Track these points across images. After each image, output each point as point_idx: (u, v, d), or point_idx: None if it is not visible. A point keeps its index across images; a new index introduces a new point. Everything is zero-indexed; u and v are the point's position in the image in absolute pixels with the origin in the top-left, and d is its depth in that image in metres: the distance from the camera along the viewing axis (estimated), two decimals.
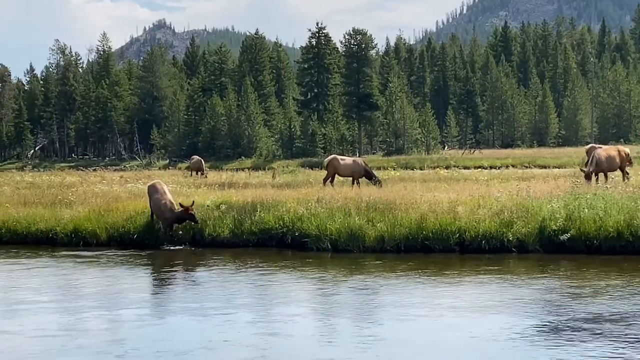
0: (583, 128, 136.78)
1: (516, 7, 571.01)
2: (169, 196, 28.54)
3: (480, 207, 25.83)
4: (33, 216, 30.80)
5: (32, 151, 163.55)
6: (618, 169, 34.29)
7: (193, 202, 28.12)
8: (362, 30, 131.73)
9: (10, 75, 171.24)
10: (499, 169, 54.63)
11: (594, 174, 32.87)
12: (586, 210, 24.49)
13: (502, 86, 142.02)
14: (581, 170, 32.93)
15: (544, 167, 64.29)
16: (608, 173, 33.96)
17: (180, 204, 27.97)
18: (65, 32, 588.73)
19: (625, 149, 36.02)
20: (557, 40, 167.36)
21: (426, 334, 15.28)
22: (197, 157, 69.65)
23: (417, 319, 16.36)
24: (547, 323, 15.56)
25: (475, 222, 24.93)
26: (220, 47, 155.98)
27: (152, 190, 28.66)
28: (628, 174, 34.45)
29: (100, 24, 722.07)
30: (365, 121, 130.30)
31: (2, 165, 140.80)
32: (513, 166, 55.42)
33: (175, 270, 23.96)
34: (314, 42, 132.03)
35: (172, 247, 27.79)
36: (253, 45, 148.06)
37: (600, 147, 40.88)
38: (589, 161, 33.05)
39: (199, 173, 60.80)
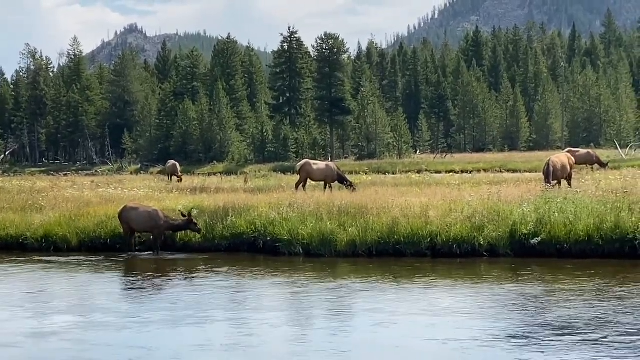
0: (554, 132, 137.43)
1: (487, 12, 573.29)
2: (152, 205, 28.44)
3: (451, 212, 25.92)
4: (3, 221, 30.63)
5: (3, 156, 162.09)
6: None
7: (189, 214, 27.82)
8: (334, 34, 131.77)
9: None
10: (470, 173, 54.84)
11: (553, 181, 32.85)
12: (557, 214, 24.66)
13: (473, 91, 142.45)
14: (546, 183, 32.56)
15: (515, 171, 64.58)
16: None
17: (184, 212, 27.81)
18: (35, 36, 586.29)
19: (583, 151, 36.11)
20: (527, 45, 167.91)
21: (397, 338, 15.30)
22: (173, 161, 69.53)
23: (388, 323, 16.39)
24: (518, 327, 15.63)
25: (447, 226, 25.02)
26: (192, 52, 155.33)
27: (129, 210, 28.07)
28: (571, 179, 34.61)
29: (71, 28, 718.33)
30: (337, 125, 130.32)
31: None
32: (484, 170, 55.74)
33: (147, 276, 23.86)
34: (286, 47, 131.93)
35: (143, 252, 27.72)
36: (225, 50, 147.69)
37: (578, 151, 41.00)
38: (548, 173, 32.74)
39: (174, 176, 60.73)
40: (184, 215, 27.56)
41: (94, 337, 15.99)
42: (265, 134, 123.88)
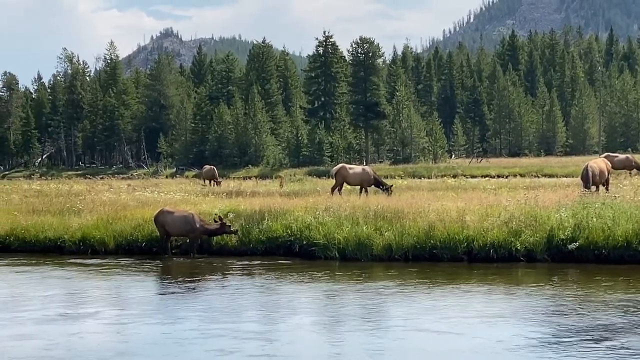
0: (590, 137, 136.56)
1: (523, 16, 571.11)
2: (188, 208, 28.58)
3: (488, 216, 25.79)
4: (41, 224, 30.83)
5: (40, 159, 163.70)
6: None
7: (220, 218, 27.90)
8: (369, 38, 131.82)
9: (18, 83, 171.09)
10: (506, 177, 54.45)
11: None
12: (594, 219, 24.44)
13: (509, 95, 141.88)
14: (584, 189, 32.17)
15: (552, 176, 64.08)
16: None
17: (216, 218, 27.90)
18: (72, 41, 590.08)
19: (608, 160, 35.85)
20: (564, 49, 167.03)
21: (434, 343, 15.24)
22: (209, 166, 69.87)
23: (424, 328, 16.32)
24: (554, 333, 15.51)
25: (484, 231, 24.90)
26: (228, 56, 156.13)
27: (165, 214, 28.14)
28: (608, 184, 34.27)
29: (107, 32, 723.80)
30: (372, 130, 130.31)
31: (9, 174, 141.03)
32: (520, 175, 55.23)
33: (183, 279, 23.94)
34: (321, 51, 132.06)
35: (179, 256, 27.84)
36: (260, 54, 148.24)
37: (616, 156, 40.39)
38: (587, 178, 32.34)
39: (212, 182, 60.96)
40: (216, 222, 27.61)
41: (126, 340, 16.09)
42: (300, 138, 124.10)
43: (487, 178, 56.79)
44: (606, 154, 59.95)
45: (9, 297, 21.35)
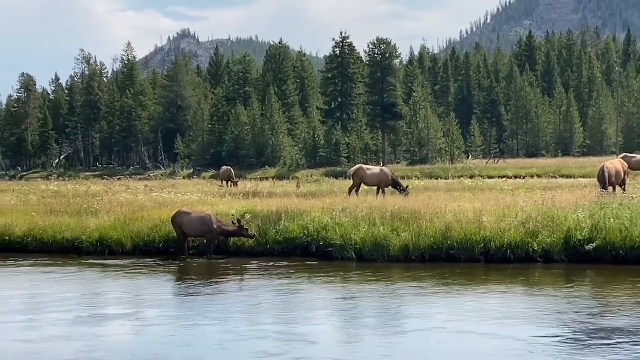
0: (608, 137, 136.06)
1: (540, 16, 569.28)
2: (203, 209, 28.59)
3: (505, 217, 25.74)
4: (59, 225, 30.94)
5: (57, 160, 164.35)
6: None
7: (238, 221, 27.86)
8: (386, 39, 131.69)
9: (35, 84, 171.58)
10: (523, 178, 54.29)
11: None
12: (612, 219, 24.37)
13: (526, 95, 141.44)
14: (601, 189, 32.09)
15: (569, 176, 63.88)
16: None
17: (234, 220, 27.88)
18: (89, 42, 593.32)
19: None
20: (581, 49, 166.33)
21: (450, 344, 15.24)
22: (226, 166, 70.16)
23: (441, 328, 16.31)
24: (571, 334, 15.48)
25: (500, 231, 24.86)
26: (244, 57, 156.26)
27: (182, 214, 28.23)
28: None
29: (124, 33, 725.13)
30: (389, 130, 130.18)
31: (27, 174, 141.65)
32: (537, 176, 55.09)
33: (200, 279, 23.98)
34: (337, 52, 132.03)
35: (196, 257, 27.89)
36: (277, 55, 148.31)
37: (634, 156, 40.10)
38: (604, 178, 32.23)
39: (229, 182, 61.13)
40: (234, 223, 27.60)
41: (145, 340, 16.14)
42: (316, 138, 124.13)
43: (504, 179, 56.59)
44: (623, 154, 59.67)
45: (37, 298, 21.40)
